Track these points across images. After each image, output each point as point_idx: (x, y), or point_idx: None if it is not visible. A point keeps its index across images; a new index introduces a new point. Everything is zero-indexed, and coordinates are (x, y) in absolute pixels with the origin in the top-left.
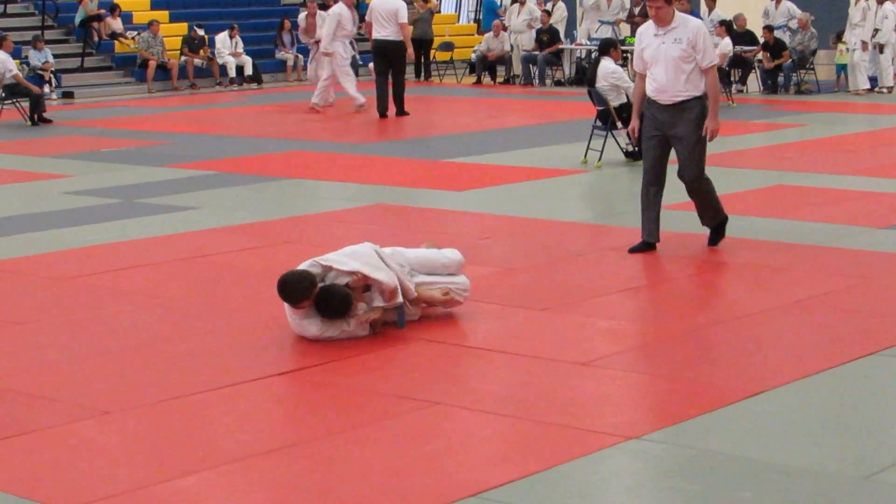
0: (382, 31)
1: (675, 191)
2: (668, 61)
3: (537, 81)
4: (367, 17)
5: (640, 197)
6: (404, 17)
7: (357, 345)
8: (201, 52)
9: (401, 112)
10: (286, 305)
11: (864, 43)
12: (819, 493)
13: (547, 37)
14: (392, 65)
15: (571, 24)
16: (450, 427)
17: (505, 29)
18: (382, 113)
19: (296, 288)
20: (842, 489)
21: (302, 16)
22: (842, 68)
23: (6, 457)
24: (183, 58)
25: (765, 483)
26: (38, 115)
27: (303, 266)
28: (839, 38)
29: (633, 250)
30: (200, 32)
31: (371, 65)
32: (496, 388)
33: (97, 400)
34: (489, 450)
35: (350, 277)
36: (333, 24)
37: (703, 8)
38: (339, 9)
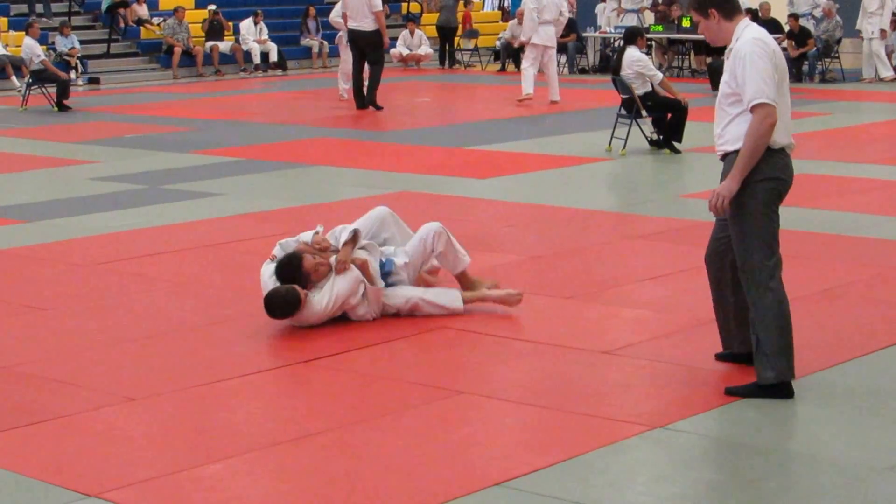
0: (357, 21)
1: (696, 180)
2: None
3: (567, 69)
4: (342, 8)
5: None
6: (379, 4)
7: (382, 333)
8: (224, 35)
9: (371, 103)
10: None
11: (882, 31)
12: (844, 483)
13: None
14: (366, 56)
15: (587, 14)
16: (474, 416)
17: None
18: (359, 105)
19: (284, 305)
20: (867, 479)
21: None
22: None
23: (32, 442)
24: (208, 44)
25: (790, 473)
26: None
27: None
28: None
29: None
30: (213, 7)
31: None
32: (520, 376)
33: (122, 386)
34: (514, 439)
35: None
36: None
37: None
38: None
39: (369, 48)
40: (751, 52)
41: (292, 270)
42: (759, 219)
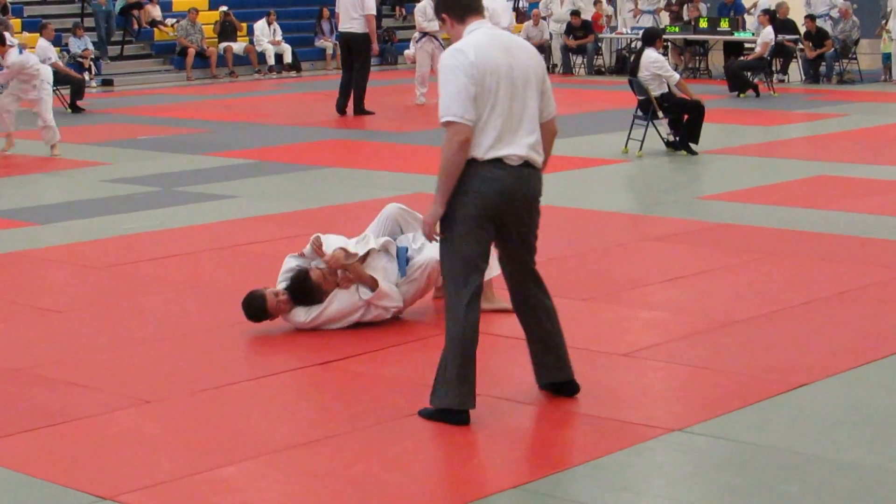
0: (348, 23)
1: (712, 182)
2: None
3: (586, 70)
4: (336, 9)
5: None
6: (372, 7)
7: (396, 334)
8: (237, 36)
9: (360, 111)
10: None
11: None
12: (863, 486)
13: (581, 33)
14: (354, 59)
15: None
16: (490, 418)
17: (544, 18)
18: (340, 109)
19: (250, 312)
20: (887, 483)
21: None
22: (888, 57)
23: (47, 445)
24: (222, 45)
25: (809, 476)
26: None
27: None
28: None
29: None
30: (224, 8)
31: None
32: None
33: (138, 389)
34: (531, 441)
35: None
36: None
37: None
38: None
39: (357, 51)
40: (444, 65)
41: (303, 288)
42: (454, 242)
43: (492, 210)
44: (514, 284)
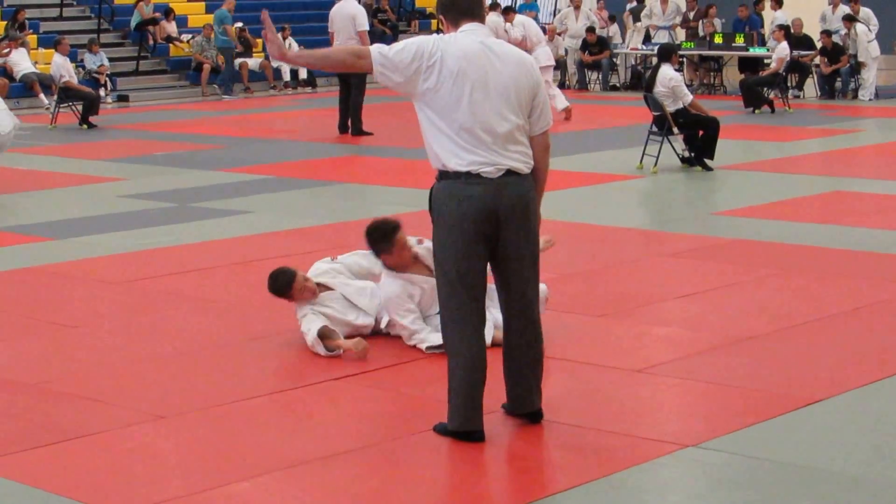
0: (341, 41)
1: (727, 198)
2: None
3: (601, 86)
4: (329, 27)
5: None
6: (364, 23)
7: (410, 349)
8: (253, 51)
9: (357, 132)
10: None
11: None
12: (878, 502)
13: (597, 49)
14: (350, 78)
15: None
16: (505, 434)
17: (559, 34)
18: (341, 129)
19: (282, 284)
20: None
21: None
22: None
23: (62, 460)
24: (237, 61)
25: (824, 492)
26: (88, 118)
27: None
28: None
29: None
30: (240, 24)
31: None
32: (552, 394)
33: (152, 404)
34: (545, 457)
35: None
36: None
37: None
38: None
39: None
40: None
41: (279, 284)
42: (444, 263)
43: (479, 224)
44: (509, 317)
